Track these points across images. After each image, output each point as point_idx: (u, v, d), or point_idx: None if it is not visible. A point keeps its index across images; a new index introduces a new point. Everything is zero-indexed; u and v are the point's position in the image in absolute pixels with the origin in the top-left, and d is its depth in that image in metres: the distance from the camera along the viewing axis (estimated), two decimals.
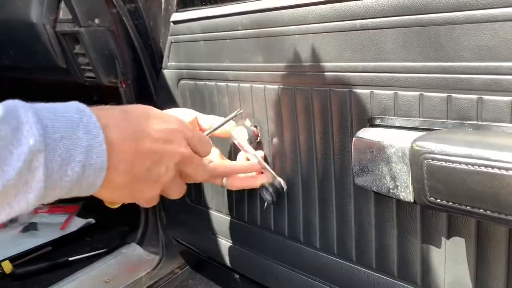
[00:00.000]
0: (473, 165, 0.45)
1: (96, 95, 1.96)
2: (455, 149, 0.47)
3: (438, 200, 0.50)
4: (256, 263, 0.95)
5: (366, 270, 0.73)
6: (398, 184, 0.59)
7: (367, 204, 0.70)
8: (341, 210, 0.75)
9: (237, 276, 1.05)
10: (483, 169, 0.44)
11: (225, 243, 1.02)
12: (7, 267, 1.26)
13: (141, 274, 1.28)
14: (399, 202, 0.65)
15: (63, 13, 1.23)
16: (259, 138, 0.87)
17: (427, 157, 0.49)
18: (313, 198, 0.79)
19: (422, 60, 0.59)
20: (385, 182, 0.60)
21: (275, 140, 0.84)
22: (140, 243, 1.38)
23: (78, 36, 1.20)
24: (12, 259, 1.29)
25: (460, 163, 0.46)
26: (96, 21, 1.20)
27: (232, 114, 0.82)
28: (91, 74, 1.27)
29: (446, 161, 0.47)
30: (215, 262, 1.11)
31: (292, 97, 0.77)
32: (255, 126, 0.87)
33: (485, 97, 0.54)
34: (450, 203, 0.49)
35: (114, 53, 1.23)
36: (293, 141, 0.80)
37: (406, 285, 0.68)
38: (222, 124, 0.79)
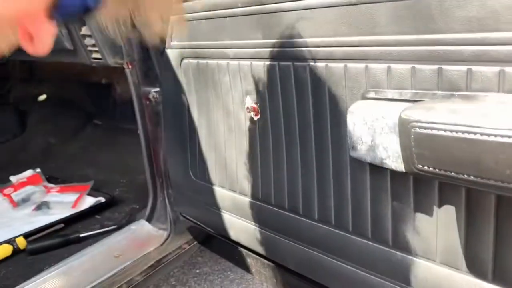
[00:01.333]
0: (456, 132, 0.47)
1: (104, 77, 2.00)
2: (440, 117, 0.49)
3: (426, 167, 0.52)
4: (258, 235, 0.98)
5: (361, 240, 0.76)
6: (390, 154, 0.60)
7: (363, 175, 0.73)
8: (338, 182, 0.77)
9: (242, 249, 1.08)
10: (466, 135, 0.46)
11: (229, 218, 1.05)
12: (21, 243, 1.30)
13: (150, 249, 1.32)
14: (393, 172, 0.67)
15: None
16: (259, 115, 0.89)
17: (414, 125, 0.51)
18: (312, 171, 0.82)
19: (414, 32, 0.60)
20: (378, 153, 0.62)
21: (274, 115, 0.86)
22: (149, 220, 1.41)
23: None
24: (26, 235, 1.34)
25: (445, 130, 0.48)
26: None
27: None
28: (98, 55, 1.29)
29: (432, 128, 0.49)
30: (220, 237, 1.15)
31: (290, 73, 0.79)
32: (256, 103, 0.89)
33: (474, 67, 0.55)
34: (436, 170, 0.51)
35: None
36: (291, 116, 0.82)
37: (400, 253, 0.71)
38: None
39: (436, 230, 0.65)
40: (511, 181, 0.44)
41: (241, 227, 1.03)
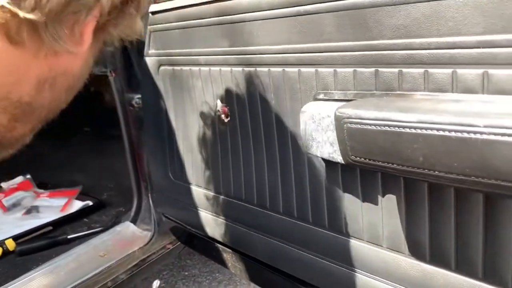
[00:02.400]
0: (380, 126, 0.54)
1: (92, 85, 2.06)
2: (367, 113, 0.55)
3: (358, 158, 0.58)
4: (231, 231, 1.04)
5: (320, 230, 0.82)
6: (336, 148, 0.67)
7: (318, 170, 0.79)
8: (298, 177, 0.84)
9: (218, 245, 1.14)
10: (387, 128, 0.53)
11: (205, 215, 1.12)
12: (11, 245, 1.36)
13: (135, 249, 1.38)
14: (343, 166, 0.74)
15: None
16: (229, 117, 0.96)
17: (346, 121, 0.58)
18: (276, 167, 0.88)
19: (354, 39, 0.67)
20: (326, 148, 0.69)
21: (242, 116, 0.92)
22: (134, 221, 1.48)
23: None
24: (15, 238, 1.39)
25: (370, 124, 0.55)
26: None
27: None
28: None
29: (360, 124, 0.56)
30: (200, 235, 1.21)
31: (254, 77, 0.86)
32: (226, 106, 0.96)
33: (404, 69, 0.62)
34: (367, 160, 0.57)
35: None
36: (256, 117, 0.89)
37: (353, 240, 0.77)
38: None
39: (382, 218, 0.72)
40: (424, 167, 0.51)
41: (216, 224, 1.09)
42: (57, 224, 1.52)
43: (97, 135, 2.25)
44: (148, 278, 1.93)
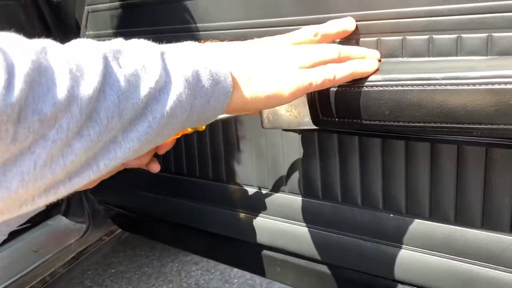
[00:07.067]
0: (349, 87, 0.61)
1: None
2: None
3: (329, 118, 0.65)
4: (184, 208, 1.06)
5: (279, 194, 0.89)
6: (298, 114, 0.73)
7: (277, 139, 0.85)
8: (259, 148, 0.89)
9: (166, 225, 1.15)
10: (356, 89, 0.60)
11: (152, 197, 1.12)
12: None
13: (70, 242, 1.32)
14: (303, 131, 0.80)
15: None
16: None
17: None
18: (233, 142, 0.93)
19: (307, 14, 0.73)
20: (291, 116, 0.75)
21: None
22: (65, 214, 1.41)
23: None
24: None
25: (338, 87, 0.62)
26: None
27: None
28: None
29: None
30: (144, 217, 1.20)
31: None
32: None
33: (362, 39, 0.70)
34: (335, 119, 0.64)
35: (25, 27, 1.25)
36: None
37: (310, 200, 0.84)
38: None
39: (338, 177, 0.80)
40: (390, 119, 0.59)
41: (166, 204, 1.10)
42: None
43: None
44: (78, 282, 1.85)
